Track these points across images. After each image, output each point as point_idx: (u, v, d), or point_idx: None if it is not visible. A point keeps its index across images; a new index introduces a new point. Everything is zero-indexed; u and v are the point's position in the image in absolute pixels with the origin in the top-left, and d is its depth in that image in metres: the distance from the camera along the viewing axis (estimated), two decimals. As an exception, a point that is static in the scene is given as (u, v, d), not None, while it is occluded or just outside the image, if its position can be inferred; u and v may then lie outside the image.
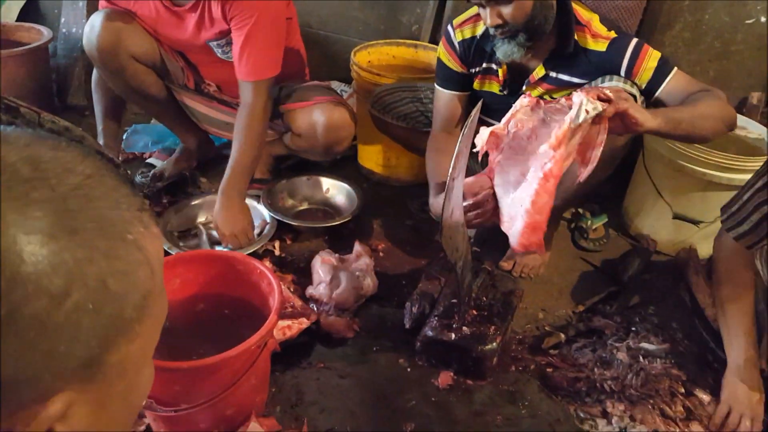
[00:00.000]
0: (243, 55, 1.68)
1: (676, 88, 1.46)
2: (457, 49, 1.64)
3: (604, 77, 1.49)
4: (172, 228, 1.76)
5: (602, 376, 1.41)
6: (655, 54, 1.47)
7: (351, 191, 1.96)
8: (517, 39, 1.45)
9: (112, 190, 0.41)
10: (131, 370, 0.44)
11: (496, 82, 1.65)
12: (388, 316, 1.61)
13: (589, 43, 1.50)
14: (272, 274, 1.27)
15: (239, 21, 1.65)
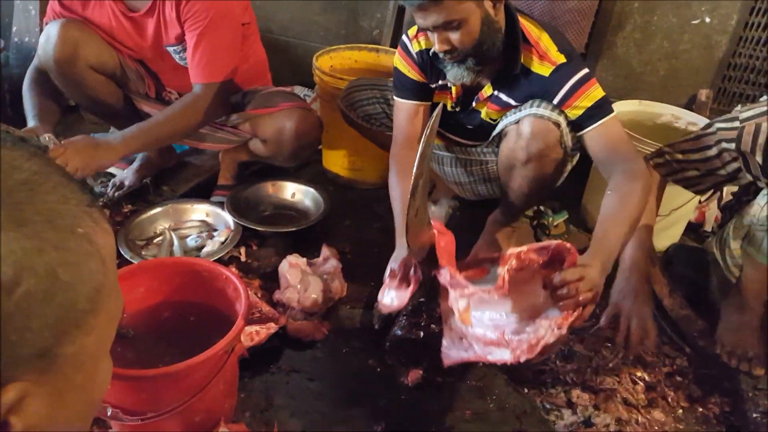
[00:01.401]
0: (194, 57, 1.68)
1: (602, 138, 1.45)
2: (415, 58, 1.61)
3: (533, 102, 1.49)
4: (134, 237, 1.73)
5: (564, 368, 1.45)
6: (596, 94, 1.44)
7: (317, 195, 1.96)
8: (466, 63, 1.44)
9: (59, 186, 0.42)
10: (88, 363, 0.45)
11: (449, 98, 1.65)
12: (358, 317, 1.62)
13: (534, 64, 1.48)
14: (238, 279, 1.26)
15: (192, 23, 1.65)
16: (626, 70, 2.34)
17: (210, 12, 1.63)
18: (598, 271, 1.21)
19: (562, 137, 1.49)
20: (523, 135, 1.50)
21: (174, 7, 1.65)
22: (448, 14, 1.34)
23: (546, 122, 1.47)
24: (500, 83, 1.55)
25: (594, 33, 2.27)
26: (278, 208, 2.00)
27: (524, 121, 1.50)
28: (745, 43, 2.21)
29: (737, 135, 1.39)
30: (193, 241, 1.75)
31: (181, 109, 1.71)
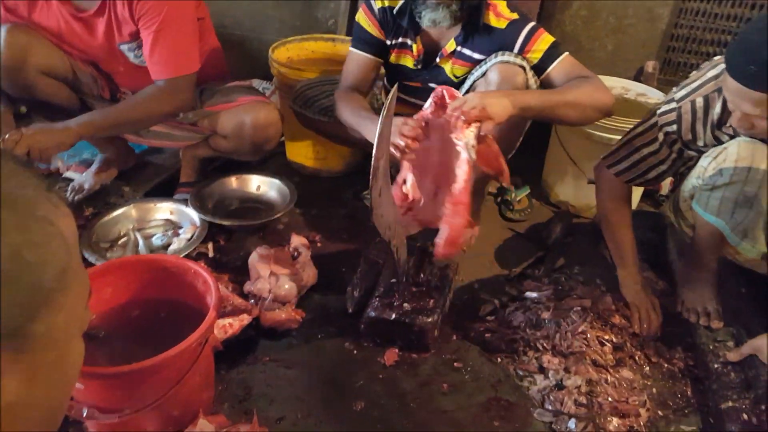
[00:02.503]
0: (154, 54, 1.66)
1: (563, 70, 1.59)
2: (377, 14, 1.70)
3: (496, 53, 1.60)
4: (98, 239, 1.71)
5: (534, 335, 1.49)
6: (548, 38, 1.60)
7: (282, 186, 1.96)
8: (451, 7, 1.54)
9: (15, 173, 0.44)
10: (60, 341, 0.46)
11: (410, 56, 1.72)
12: (331, 303, 1.63)
13: (491, 20, 1.60)
14: (207, 272, 1.26)
15: (147, 20, 1.63)
16: (575, 47, 2.39)
17: (164, 8, 1.61)
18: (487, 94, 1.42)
19: (528, 80, 1.58)
20: (491, 83, 1.57)
21: (126, 6, 1.62)
22: None
23: (512, 66, 1.56)
24: (463, 38, 1.64)
25: (542, 12, 2.32)
26: (244, 202, 1.99)
27: (491, 70, 1.58)
28: (685, 15, 2.29)
29: (676, 116, 1.44)
30: (158, 240, 1.74)
31: (144, 99, 1.68)
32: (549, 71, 1.60)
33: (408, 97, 1.82)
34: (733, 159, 1.38)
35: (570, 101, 1.52)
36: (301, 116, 1.95)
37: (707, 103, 1.40)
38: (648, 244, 1.90)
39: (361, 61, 1.76)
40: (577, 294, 1.60)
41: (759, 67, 1.14)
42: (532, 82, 1.60)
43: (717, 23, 2.28)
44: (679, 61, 2.39)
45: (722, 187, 1.40)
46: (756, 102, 1.19)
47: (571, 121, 1.58)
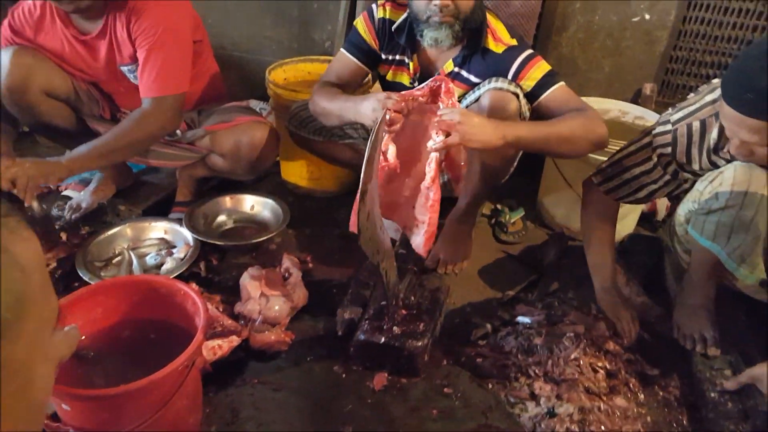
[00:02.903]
0: (144, 71, 1.67)
1: (556, 100, 1.58)
2: (375, 24, 1.71)
3: (491, 79, 1.59)
4: (92, 258, 1.71)
5: (526, 361, 1.48)
6: (544, 66, 1.59)
7: (276, 206, 1.97)
8: (454, 27, 1.55)
9: None
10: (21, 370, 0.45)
11: (407, 74, 1.73)
12: (321, 325, 1.63)
13: (490, 44, 1.61)
14: (196, 293, 1.26)
15: (142, 39, 1.65)
16: (572, 69, 2.40)
17: (159, 28, 1.64)
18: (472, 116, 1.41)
19: (521, 108, 1.58)
20: (484, 108, 1.57)
21: (125, 27, 1.65)
22: None
23: (505, 93, 1.56)
24: (461, 60, 1.65)
25: (539, 34, 2.34)
26: (238, 222, 1.99)
27: (484, 95, 1.59)
28: (684, 37, 2.29)
29: (671, 138, 1.44)
30: (152, 259, 1.74)
31: (129, 125, 1.69)
32: (542, 99, 1.59)
33: None
34: (729, 183, 1.37)
35: (562, 135, 1.51)
36: (296, 136, 1.96)
37: (704, 128, 1.39)
38: (644, 268, 1.89)
39: (348, 63, 1.77)
40: (570, 320, 1.59)
41: (756, 95, 1.13)
42: (525, 109, 1.59)
43: (717, 46, 2.28)
44: (678, 83, 2.39)
45: (718, 211, 1.39)
46: (753, 129, 1.18)
47: (563, 154, 1.58)
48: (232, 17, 2.66)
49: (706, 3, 2.21)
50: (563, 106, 1.58)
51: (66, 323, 1.21)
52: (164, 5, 1.66)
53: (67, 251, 1.71)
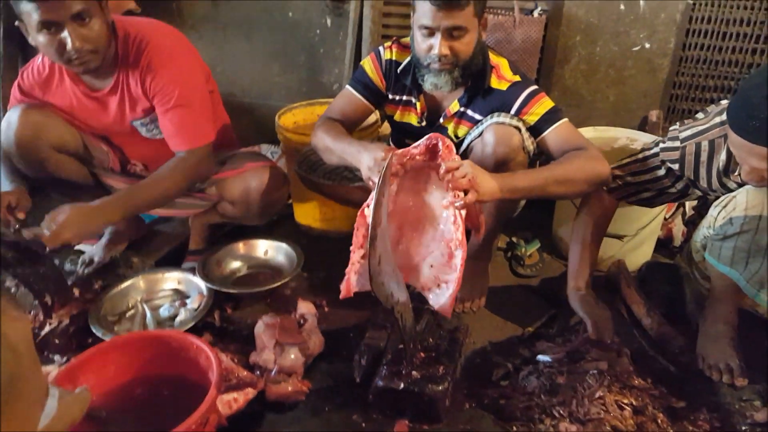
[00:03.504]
0: (173, 128, 1.70)
1: (559, 136, 1.59)
2: (383, 64, 1.74)
3: (492, 114, 1.61)
4: (106, 312, 1.71)
5: (549, 402, 1.44)
6: (548, 103, 1.60)
7: (290, 250, 1.96)
8: (453, 73, 1.57)
9: None
10: None
11: (414, 114, 1.75)
12: (338, 372, 1.60)
13: (493, 83, 1.62)
14: (209, 347, 1.25)
15: (162, 97, 1.68)
16: (577, 100, 2.42)
17: (178, 84, 1.67)
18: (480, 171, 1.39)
19: (524, 141, 1.58)
20: (488, 143, 1.58)
21: (140, 83, 1.68)
22: (461, 21, 1.49)
23: (507, 128, 1.56)
24: (467, 100, 1.66)
25: (542, 68, 2.36)
26: (252, 268, 1.98)
27: (487, 130, 1.59)
28: (686, 63, 2.31)
29: (680, 155, 1.44)
30: (165, 311, 1.73)
31: (168, 173, 1.70)
32: (544, 135, 1.59)
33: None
34: (742, 208, 1.36)
35: (560, 178, 1.49)
36: (306, 180, 1.97)
37: (713, 148, 1.39)
38: (665, 297, 1.85)
39: (353, 100, 1.78)
40: (592, 356, 1.54)
41: (761, 123, 1.14)
42: (528, 143, 1.59)
43: (718, 70, 2.29)
44: (683, 108, 2.39)
45: (734, 236, 1.38)
46: (762, 156, 1.18)
47: (563, 196, 1.58)
48: (241, 65, 2.72)
49: (704, 29, 2.23)
50: (565, 143, 1.58)
51: (78, 383, 1.21)
52: (178, 61, 1.69)
53: (80, 307, 1.70)
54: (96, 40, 1.55)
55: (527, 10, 2.25)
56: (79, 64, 1.57)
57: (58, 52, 1.53)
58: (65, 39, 1.50)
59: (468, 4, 1.48)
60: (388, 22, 2.40)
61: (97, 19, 1.55)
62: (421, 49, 1.56)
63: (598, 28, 2.27)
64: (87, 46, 1.53)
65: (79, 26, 1.51)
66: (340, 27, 2.52)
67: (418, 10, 1.52)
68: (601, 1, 2.23)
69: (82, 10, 1.49)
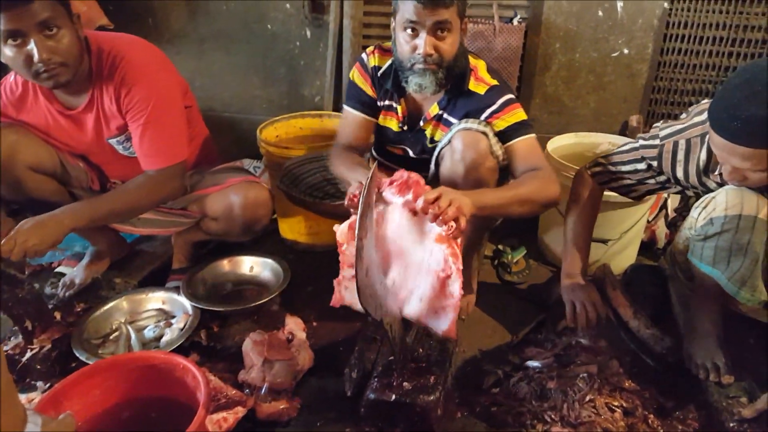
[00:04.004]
0: (143, 146, 1.68)
1: (522, 150, 1.60)
2: (369, 72, 1.73)
3: (460, 120, 1.61)
4: (89, 336, 1.67)
5: (541, 407, 1.44)
6: (521, 114, 1.61)
7: (276, 266, 1.94)
8: (437, 74, 1.56)
9: None
10: None
11: (395, 119, 1.74)
12: (329, 386, 1.58)
13: (472, 85, 1.63)
14: (196, 367, 1.23)
15: (134, 113, 1.65)
16: (558, 106, 2.44)
17: (151, 100, 1.64)
18: (455, 193, 1.36)
19: (492, 146, 1.58)
20: (456, 150, 1.58)
21: (114, 100, 1.66)
22: (446, 16, 1.49)
23: (474, 133, 1.56)
24: (446, 103, 1.66)
25: (523, 75, 2.38)
26: (238, 285, 1.96)
27: (455, 137, 1.59)
28: (664, 68, 2.35)
29: (658, 153, 1.47)
30: (150, 331, 1.70)
31: (134, 188, 1.68)
32: (511, 144, 1.59)
33: (392, 164, 1.84)
34: (722, 208, 1.38)
35: (523, 198, 1.51)
36: (290, 195, 1.96)
37: (689, 147, 1.42)
38: (651, 299, 1.86)
39: (356, 119, 1.78)
40: (581, 360, 1.55)
41: (742, 123, 1.15)
42: (497, 148, 1.59)
43: (696, 74, 2.34)
44: (663, 112, 2.43)
45: (714, 236, 1.40)
46: (744, 156, 1.19)
47: (518, 216, 1.56)
48: (221, 79, 2.71)
49: (681, 34, 2.27)
50: (523, 159, 1.59)
51: (62, 410, 1.18)
52: (153, 76, 1.66)
53: (62, 331, 1.67)
54: (65, 52, 1.51)
55: (507, 18, 2.27)
56: (48, 78, 1.53)
57: (26, 65, 1.49)
58: (32, 51, 1.46)
59: (453, 3, 1.49)
60: (369, 32, 2.41)
61: (66, 31, 1.51)
62: (404, 50, 1.56)
63: (577, 35, 2.30)
64: (56, 58, 1.50)
65: (47, 37, 1.47)
66: (320, 39, 2.53)
67: (402, 10, 1.52)
68: (580, 8, 2.26)
69: (47, 18, 1.46)
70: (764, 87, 1.13)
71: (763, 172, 1.23)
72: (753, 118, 1.12)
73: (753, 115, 1.12)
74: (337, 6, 2.39)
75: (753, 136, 1.15)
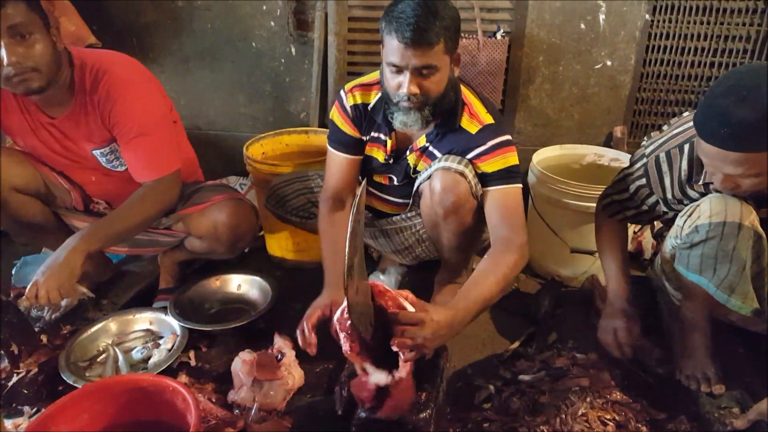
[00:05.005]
0: (137, 159, 1.67)
1: (498, 200, 1.54)
2: (349, 113, 1.68)
3: (443, 156, 1.58)
4: (76, 359, 1.65)
5: (533, 422, 1.43)
6: (512, 159, 1.55)
7: (263, 283, 1.93)
8: (423, 112, 1.51)
9: None
10: None
11: (383, 151, 1.72)
12: (320, 405, 1.56)
13: (464, 122, 1.58)
14: (185, 388, 1.22)
15: (122, 128, 1.64)
16: (543, 119, 2.46)
17: (137, 113, 1.64)
18: (439, 327, 1.27)
19: (472, 188, 1.56)
20: (435, 191, 1.57)
21: (98, 112, 1.64)
22: (431, 59, 1.42)
23: (453, 174, 1.54)
24: (434, 136, 1.62)
25: (507, 89, 2.40)
26: (225, 304, 1.94)
27: (434, 176, 1.57)
28: (647, 79, 2.38)
29: (644, 170, 1.47)
30: (138, 353, 1.68)
31: (138, 201, 1.68)
32: (490, 190, 1.55)
33: (376, 191, 1.83)
34: (706, 215, 1.38)
35: (502, 285, 1.44)
36: (277, 215, 1.95)
37: (670, 158, 1.43)
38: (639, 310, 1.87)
39: (341, 163, 1.73)
40: (573, 373, 1.55)
41: (732, 129, 1.16)
42: (477, 189, 1.56)
43: (679, 84, 2.37)
44: (647, 123, 2.46)
45: (700, 244, 1.40)
46: (737, 162, 1.20)
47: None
48: (206, 97, 2.70)
49: (663, 45, 2.30)
50: (498, 211, 1.54)
51: (49, 438, 1.16)
52: (137, 89, 1.66)
53: (48, 354, 1.64)
54: (37, 58, 1.49)
55: (490, 33, 2.30)
56: (19, 83, 1.50)
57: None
58: (1, 54, 1.45)
59: (438, 42, 1.40)
60: (354, 49, 2.43)
61: (40, 37, 1.50)
62: (390, 85, 1.50)
63: (560, 48, 2.33)
64: (27, 63, 1.48)
65: (18, 43, 1.46)
66: (305, 55, 2.53)
67: (387, 46, 1.45)
68: (562, 22, 2.29)
69: (18, 24, 1.44)
70: (749, 91, 1.14)
71: (755, 177, 1.23)
72: (743, 122, 1.13)
73: (742, 119, 1.13)
74: (321, 23, 2.41)
75: (744, 141, 1.16)
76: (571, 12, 2.26)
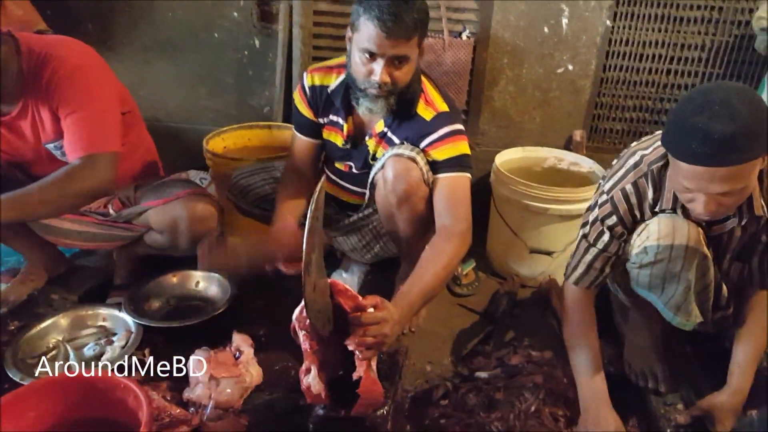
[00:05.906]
0: (69, 134, 1.59)
1: (445, 188, 1.57)
2: (307, 93, 1.72)
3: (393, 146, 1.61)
4: (24, 355, 1.59)
5: (488, 418, 1.46)
6: (463, 148, 1.58)
7: (223, 280, 1.90)
8: (389, 100, 1.55)
9: None
10: None
11: (340, 135, 1.73)
12: (278, 403, 1.55)
13: (420, 109, 1.61)
14: (137, 386, 1.19)
15: (63, 106, 1.58)
16: (506, 121, 2.50)
17: (79, 91, 1.58)
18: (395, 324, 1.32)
19: (424, 175, 1.58)
20: (388, 179, 1.59)
21: (46, 99, 1.59)
22: (406, 50, 1.48)
23: (405, 161, 1.56)
24: (391, 122, 1.65)
25: (472, 90, 2.42)
26: (183, 300, 1.90)
27: (386, 164, 1.60)
28: (606, 84, 2.44)
29: (612, 207, 1.43)
30: (90, 350, 1.63)
31: (57, 178, 1.55)
32: (439, 177, 1.58)
33: (337, 179, 1.83)
34: (654, 237, 1.37)
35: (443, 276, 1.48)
36: (239, 207, 1.93)
37: (638, 189, 1.40)
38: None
39: (302, 144, 1.80)
40: (528, 370, 1.58)
41: (716, 144, 1.12)
42: (429, 176, 1.59)
43: (637, 90, 2.43)
44: (605, 128, 2.52)
45: (649, 265, 1.41)
46: (725, 178, 1.16)
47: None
48: (166, 88, 2.64)
49: (623, 51, 2.36)
50: (444, 199, 1.57)
51: (-8, 437, 1.12)
52: (83, 72, 1.60)
53: (-6, 350, 1.59)
54: None
55: (456, 33, 2.31)
56: None
57: None
58: None
59: (415, 34, 1.47)
60: (319, 43, 2.41)
61: None
62: (359, 71, 1.52)
63: (524, 51, 2.36)
64: None
65: None
66: (269, 48, 2.50)
67: (362, 32, 1.46)
68: (527, 24, 2.32)
69: None
70: (722, 106, 1.11)
71: (739, 193, 1.21)
72: (725, 135, 1.10)
73: (723, 132, 1.10)
74: (286, 15, 2.38)
75: (730, 154, 1.12)
76: (536, 15, 2.30)
